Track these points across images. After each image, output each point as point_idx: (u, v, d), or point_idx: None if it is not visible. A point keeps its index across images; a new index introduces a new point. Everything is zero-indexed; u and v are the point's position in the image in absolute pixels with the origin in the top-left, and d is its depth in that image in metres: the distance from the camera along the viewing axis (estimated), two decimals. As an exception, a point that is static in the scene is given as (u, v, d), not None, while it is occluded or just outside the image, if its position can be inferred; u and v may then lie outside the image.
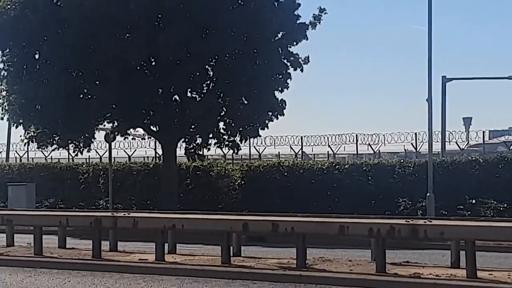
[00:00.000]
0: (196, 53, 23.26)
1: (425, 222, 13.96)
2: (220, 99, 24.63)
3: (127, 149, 37.18)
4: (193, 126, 24.96)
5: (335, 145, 34.60)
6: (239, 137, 25.36)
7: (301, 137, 34.94)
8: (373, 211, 20.30)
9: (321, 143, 34.52)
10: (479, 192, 23.73)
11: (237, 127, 25.01)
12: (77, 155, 26.94)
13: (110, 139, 26.06)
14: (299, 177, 26.03)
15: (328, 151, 35.84)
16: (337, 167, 25.88)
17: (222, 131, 25.24)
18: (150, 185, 27.98)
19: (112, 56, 22.95)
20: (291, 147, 35.42)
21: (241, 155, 32.70)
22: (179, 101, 24.78)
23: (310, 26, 24.83)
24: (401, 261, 15.35)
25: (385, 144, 33.90)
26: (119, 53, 22.87)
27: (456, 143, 32.62)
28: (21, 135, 25.82)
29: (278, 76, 24.63)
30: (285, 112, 25.02)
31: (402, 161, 25.96)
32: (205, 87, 24.71)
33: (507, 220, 15.01)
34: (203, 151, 26.17)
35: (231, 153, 28.49)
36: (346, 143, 34.29)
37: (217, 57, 24.23)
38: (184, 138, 25.83)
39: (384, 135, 33.30)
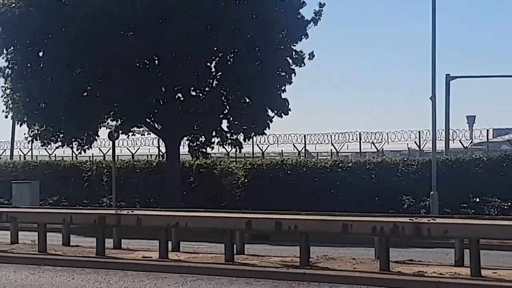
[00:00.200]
0: (199, 51, 23.26)
1: (429, 220, 13.92)
2: (223, 97, 24.64)
3: (130, 147, 37.27)
4: (196, 124, 24.95)
5: (339, 143, 34.62)
6: (242, 135, 25.37)
7: (304, 135, 34.97)
8: (377, 209, 20.19)
9: (324, 141, 34.56)
10: (483, 190, 23.67)
11: (240, 125, 25.00)
12: (80, 153, 27.00)
13: (113, 137, 26.11)
14: (302, 175, 26.00)
15: (331, 149, 35.86)
16: (340, 165, 25.85)
17: (225, 129, 25.24)
18: (153, 183, 27.97)
19: (115, 54, 22.96)
20: (294, 145, 35.44)
21: (244, 153, 32.72)
22: (182, 99, 24.78)
23: (312, 22, 24.80)
24: (405, 259, 15.33)
25: (388, 142, 33.94)
26: (123, 51, 22.88)
27: (459, 141, 32.63)
28: (25, 133, 25.87)
29: (281, 73, 24.62)
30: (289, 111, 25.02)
31: (405, 159, 25.93)
32: (208, 85, 24.73)
33: (511, 218, 14.97)
34: (206, 149, 26.20)
35: (234, 151, 28.48)
36: (349, 141, 34.32)
37: (221, 55, 24.24)
38: (187, 136, 25.86)
39: (387, 134, 33.35)
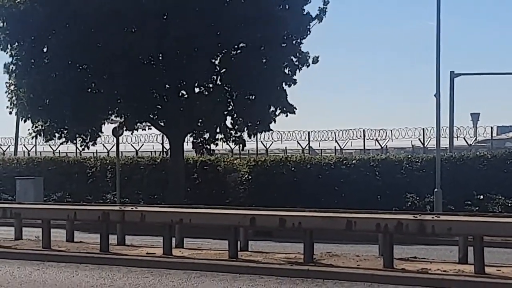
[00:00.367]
0: (203, 47, 23.26)
1: (433, 217, 13.91)
2: (227, 94, 24.63)
3: (134, 143, 37.31)
4: (200, 121, 24.95)
5: (342, 140, 34.61)
6: (246, 132, 25.35)
7: (308, 132, 34.97)
8: (381, 207, 20.24)
9: (328, 138, 34.56)
10: (487, 187, 23.66)
11: (244, 122, 24.99)
12: (84, 149, 26.99)
13: (117, 133, 26.11)
14: (306, 172, 25.98)
15: (335, 146, 35.83)
16: (344, 162, 25.83)
17: (229, 126, 25.23)
18: (157, 180, 27.98)
19: (119, 50, 22.96)
20: (298, 142, 35.44)
21: (248, 150, 32.71)
22: (187, 95, 24.78)
23: (316, 19, 24.74)
24: (409, 256, 15.33)
25: (392, 139, 33.91)
26: (127, 47, 22.89)
27: (464, 138, 32.57)
28: (29, 129, 25.83)
29: (285, 71, 24.59)
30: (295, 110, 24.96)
31: (409, 156, 25.89)
32: (213, 82, 24.72)
33: (515, 216, 14.97)
34: (210, 146, 26.19)
35: (238, 148, 28.45)
36: (353, 139, 34.32)
37: (225, 51, 24.22)
38: (191, 132, 25.86)
39: (391, 131, 33.30)
